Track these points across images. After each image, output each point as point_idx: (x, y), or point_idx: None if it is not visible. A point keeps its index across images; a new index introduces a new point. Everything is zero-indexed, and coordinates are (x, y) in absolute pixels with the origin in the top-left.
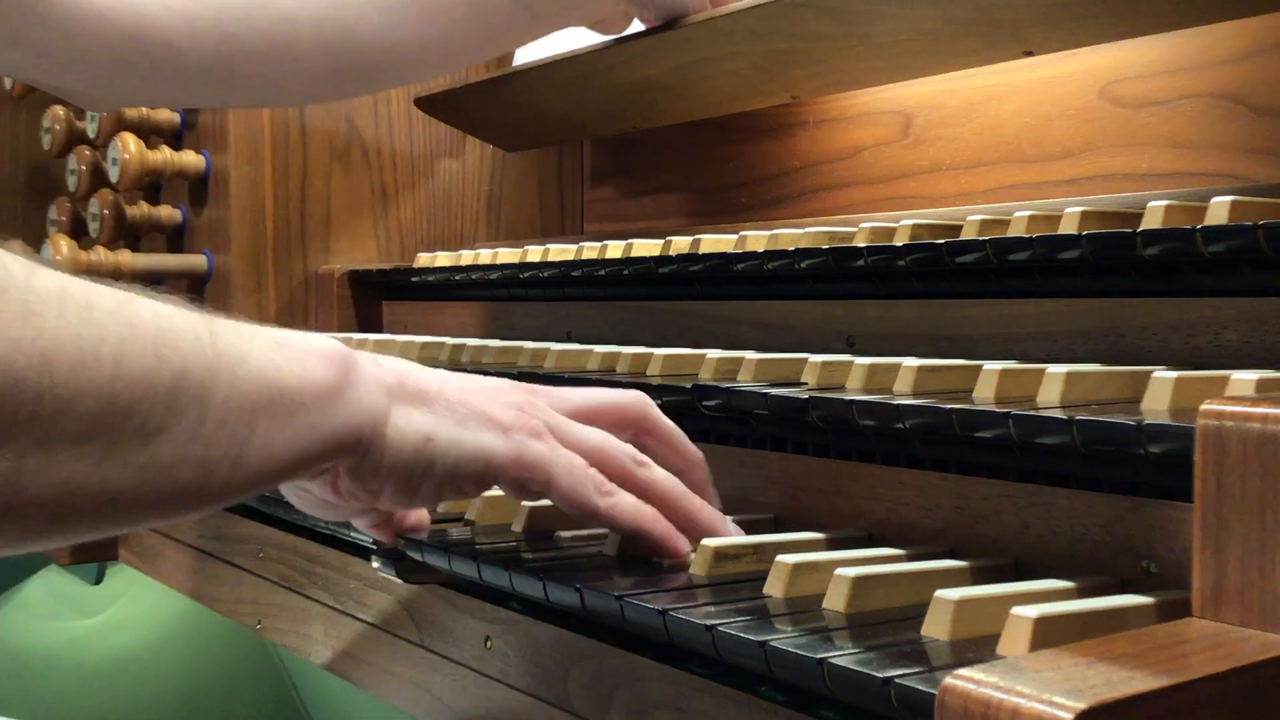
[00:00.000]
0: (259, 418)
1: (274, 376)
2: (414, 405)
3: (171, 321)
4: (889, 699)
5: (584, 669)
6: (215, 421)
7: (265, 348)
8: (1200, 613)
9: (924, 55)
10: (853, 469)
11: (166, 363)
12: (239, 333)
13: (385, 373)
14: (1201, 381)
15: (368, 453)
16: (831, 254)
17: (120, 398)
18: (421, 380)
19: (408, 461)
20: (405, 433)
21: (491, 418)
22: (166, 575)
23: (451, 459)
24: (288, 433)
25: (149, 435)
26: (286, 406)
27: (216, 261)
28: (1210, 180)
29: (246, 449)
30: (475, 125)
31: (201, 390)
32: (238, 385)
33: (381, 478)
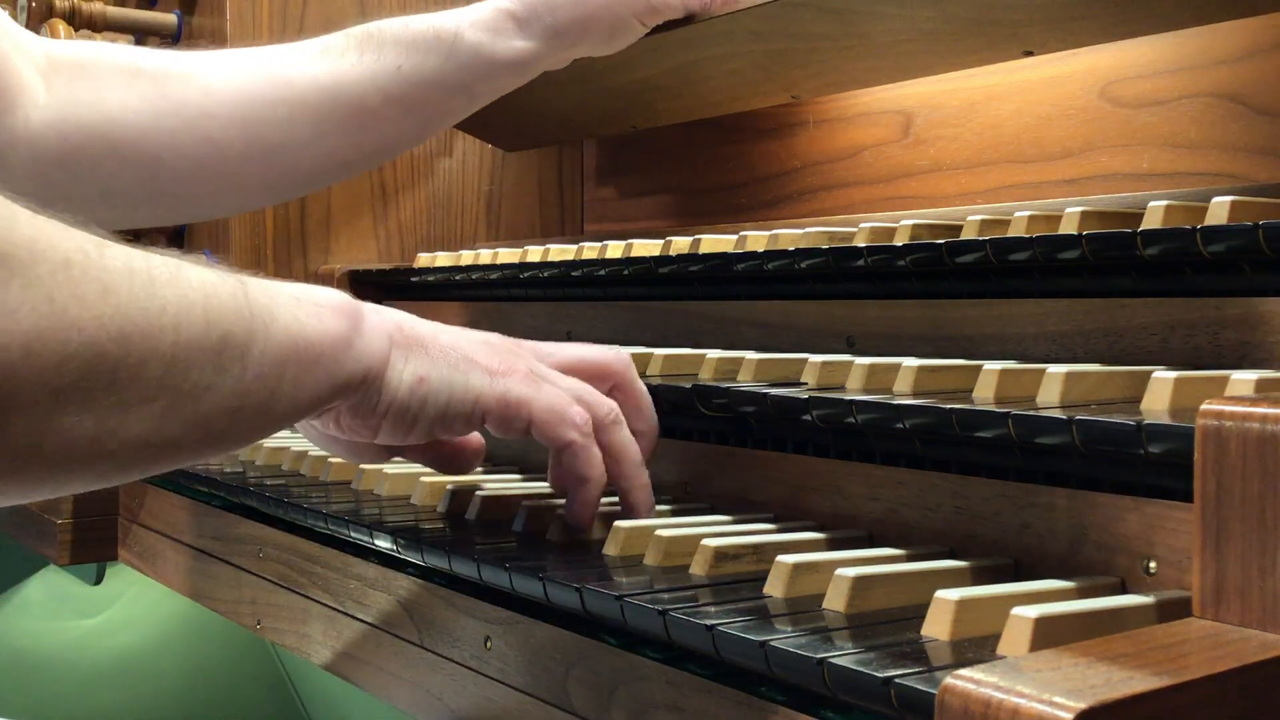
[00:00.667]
0: (287, 368)
1: (298, 331)
2: (411, 350)
3: (215, 288)
4: (889, 699)
5: (584, 669)
6: (252, 375)
7: (289, 304)
8: (1200, 613)
9: (924, 55)
10: (853, 469)
11: (214, 327)
12: (267, 291)
13: (386, 321)
14: (1201, 381)
15: (368, 392)
16: (831, 254)
17: (179, 361)
18: (417, 327)
19: (404, 400)
20: (402, 374)
21: (479, 362)
22: (166, 575)
23: (443, 399)
24: (308, 380)
25: (200, 392)
26: (309, 357)
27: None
28: (1210, 180)
29: (275, 396)
30: (475, 125)
31: (241, 349)
32: (270, 341)
33: (379, 415)
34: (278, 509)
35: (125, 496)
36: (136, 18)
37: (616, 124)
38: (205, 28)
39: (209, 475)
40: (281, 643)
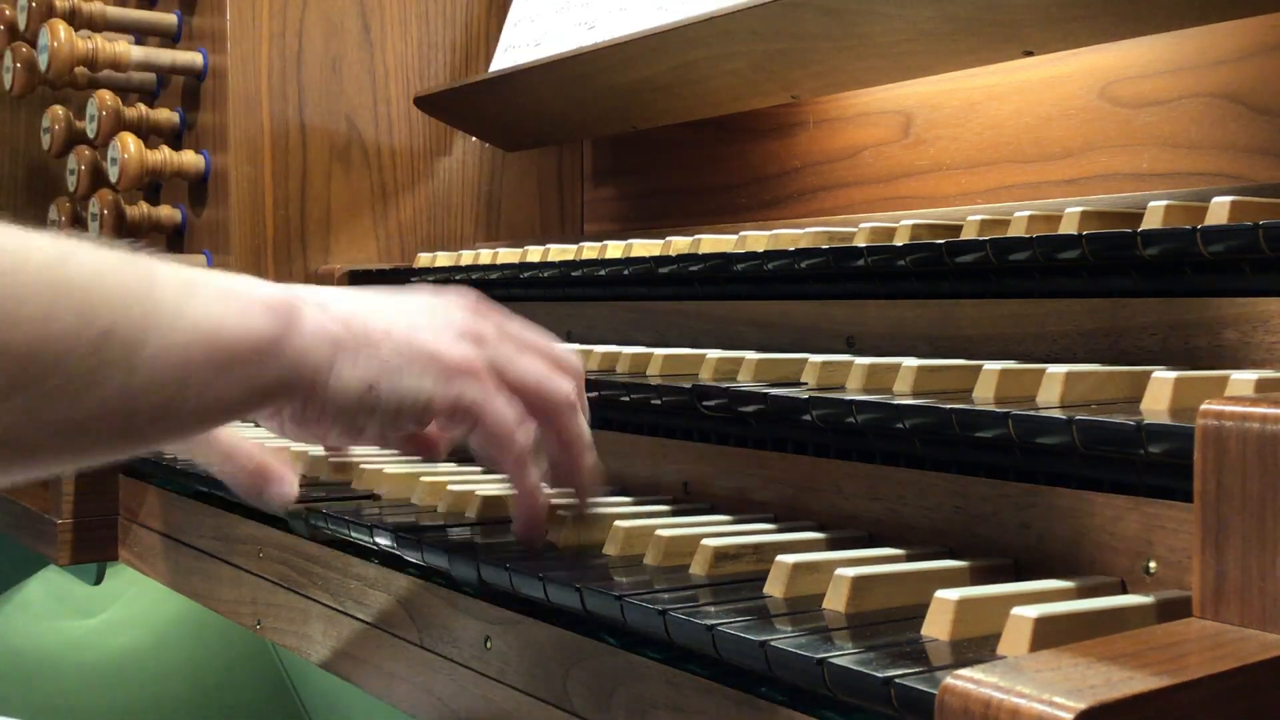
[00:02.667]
0: (192, 370)
1: (210, 329)
2: (359, 352)
3: (102, 279)
4: (889, 699)
5: (584, 669)
6: (144, 376)
7: (207, 299)
8: (1200, 613)
9: (924, 55)
10: (853, 469)
11: (92, 321)
12: (181, 282)
13: (330, 319)
14: (1201, 381)
15: (309, 398)
16: (831, 254)
17: (42, 356)
18: (368, 321)
19: (351, 407)
20: (348, 381)
21: (436, 359)
22: (166, 576)
23: (393, 404)
24: (221, 384)
25: (74, 393)
26: (222, 358)
27: (216, 261)
28: (1210, 180)
29: (175, 400)
30: (475, 125)
31: (129, 347)
32: (171, 338)
33: (326, 421)
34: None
35: (125, 496)
36: (136, 18)
37: (616, 124)
38: (205, 28)
39: (210, 475)
40: (281, 643)
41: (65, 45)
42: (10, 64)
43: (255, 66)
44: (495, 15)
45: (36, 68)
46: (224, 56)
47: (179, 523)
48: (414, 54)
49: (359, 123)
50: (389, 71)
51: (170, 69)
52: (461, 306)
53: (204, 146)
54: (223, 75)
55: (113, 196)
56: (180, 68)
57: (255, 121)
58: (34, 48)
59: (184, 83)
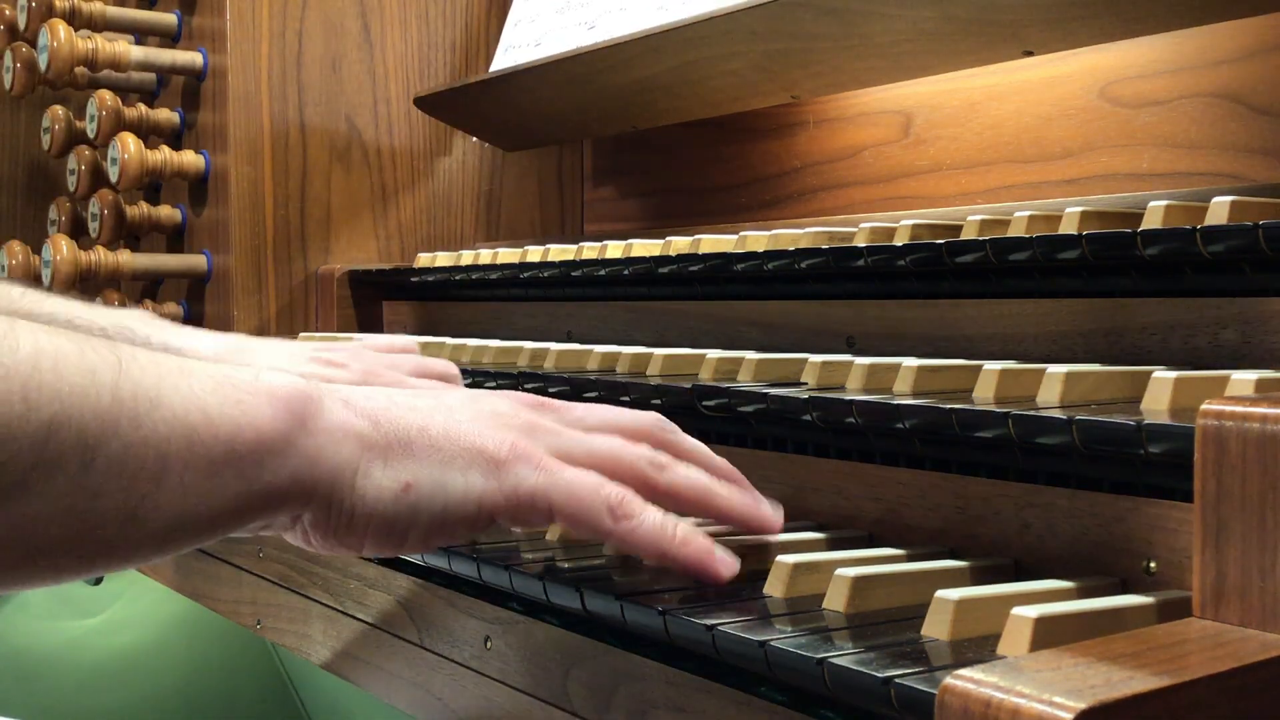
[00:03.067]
0: (170, 468)
1: (195, 422)
2: (390, 451)
3: (57, 362)
4: (889, 699)
5: (584, 669)
6: (102, 473)
7: (199, 388)
8: (1200, 613)
9: (924, 55)
10: (852, 469)
11: (38, 410)
12: (163, 371)
13: (356, 415)
14: (1201, 381)
15: (331, 506)
16: (831, 254)
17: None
18: (401, 419)
19: (387, 513)
20: (380, 482)
21: (482, 451)
22: (166, 576)
23: (438, 505)
24: (205, 485)
25: (8, 488)
26: (210, 456)
27: (216, 261)
28: (1210, 180)
29: (147, 503)
30: (475, 125)
31: (83, 439)
32: (141, 433)
33: (358, 532)
34: None
35: None
36: (136, 18)
37: (616, 124)
38: (205, 28)
39: None
40: (281, 643)
41: (65, 45)
42: (10, 64)
43: (255, 66)
44: (495, 15)
45: (36, 68)
46: (224, 56)
47: None
48: (414, 54)
49: (359, 123)
50: (389, 71)
51: (170, 69)
52: (507, 397)
53: (204, 146)
54: (223, 75)
55: (113, 196)
56: (180, 68)
57: (255, 121)
58: (34, 48)
59: (184, 83)
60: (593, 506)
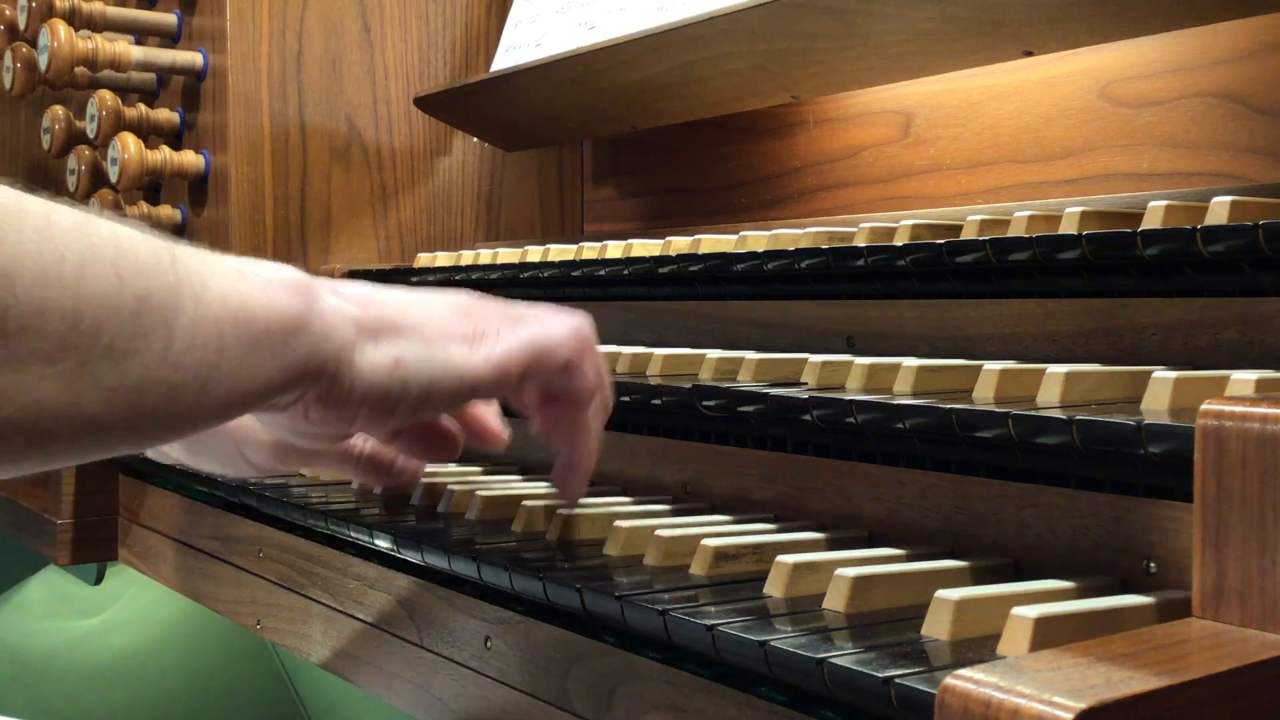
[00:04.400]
0: (226, 343)
1: (238, 303)
2: (380, 332)
3: (132, 243)
4: (889, 699)
5: (584, 669)
6: (182, 345)
7: (229, 275)
8: (1200, 613)
9: (924, 55)
10: (853, 469)
11: (129, 284)
12: (202, 259)
13: (347, 302)
14: (1201, 381)
15: (336, 380)
16: (831, 254)
17: (85, 317)
18: (384, 305)
19: (381, 385)
20: (375, 359)
21: (456, 332)
22: (166, 576)
23: (425, 378)
24: (254, 360)
25: (118, 357)
26: (252, 334)
27: None
28: (1210, 180)
29: (214, 375)
30: (475, 125)
31: (166, 313)
32: (202, 310)
33: (354, 403)
34: (278, 509)
35: (125, 496)
36: (136, 18)
37: (616, 124)
38: (205, 28)
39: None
40: (281, 643)
41: (65, 45)
42: (10, 64)
43: (255, 66)
44: (495, 15)
45: (36, 68)
46: (224, 56)
47: (179, 522)
48: (414, 54)
49: (359, 123)
50: (389, 71)
51: (170, 69)
52: (465, 295)
53: (204, 146)
54: (223, 75)
55: (113, 196)
56: (180, 68)
57: (255, 121)
58: (34, 48)
59: (184, 83)
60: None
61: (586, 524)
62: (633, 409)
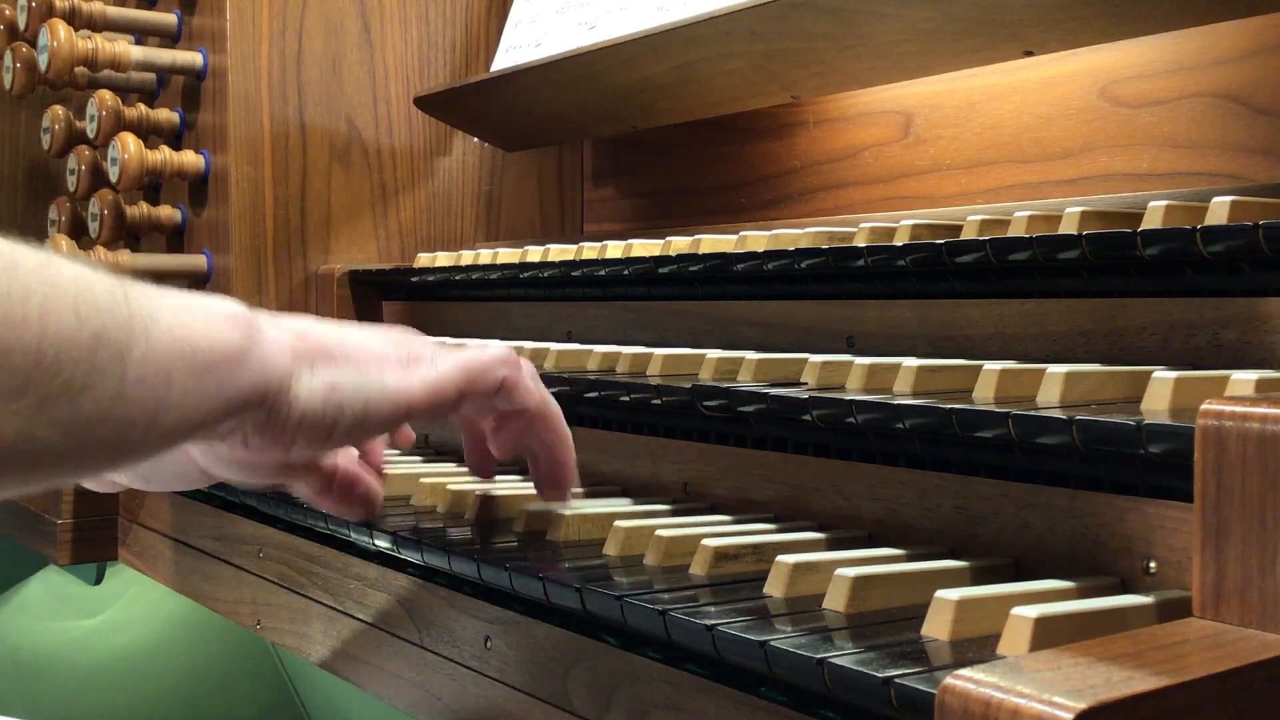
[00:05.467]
0: (174, 376)
1: (184, 337)
2: (315, 360)
3: (89, 281)
4: (889, 699)
5: (584, 669)
6: (134, 379)
7: (174, 309)
8: (1200, 613)
9: (924, 55)
10: (853, 469)
11: (87, 321)
12: (150, 294)
13: (284, 332)
14: (1201, 381)
15: (275, 407)
16: (831, 254)
17: (47, 355)
18: (319, 335)
19: (317, 410)
20: (311, 385)
21: (388, 359)
22: (166, 576)
23: (359, 403)
24: (199, 390)
25: (75, 393)
26: (198, 367)
27: (216, 261)
28: (1210, 180)
29: (161, 406)
30: (475, 125)
31: (120, 349)
32: (153, 345)
33: (292, 429)
34: (278, 509)
35: (125, 496)
36: (136, 18)
37: (616, 124)
38: (205, 28)
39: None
40: (281, 643)
41: (65, 45)
42: (10, 64)
43: (255, 66)
44: (495, 15)
45: (36, 68)
46: (224, 56)
47: (179, 522)
48: (414, 54)
49: (359, 123)
50: (389, 71)
51: (170, 69)
52: (397, 330)
53: (204, 146)
54: (223, 75)
55: (113, 196)
56: (180, 68)
57: (255, 121)
58: (34, 48)
59: (184, 83)
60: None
61: (586, 524)
62: (633, 409)
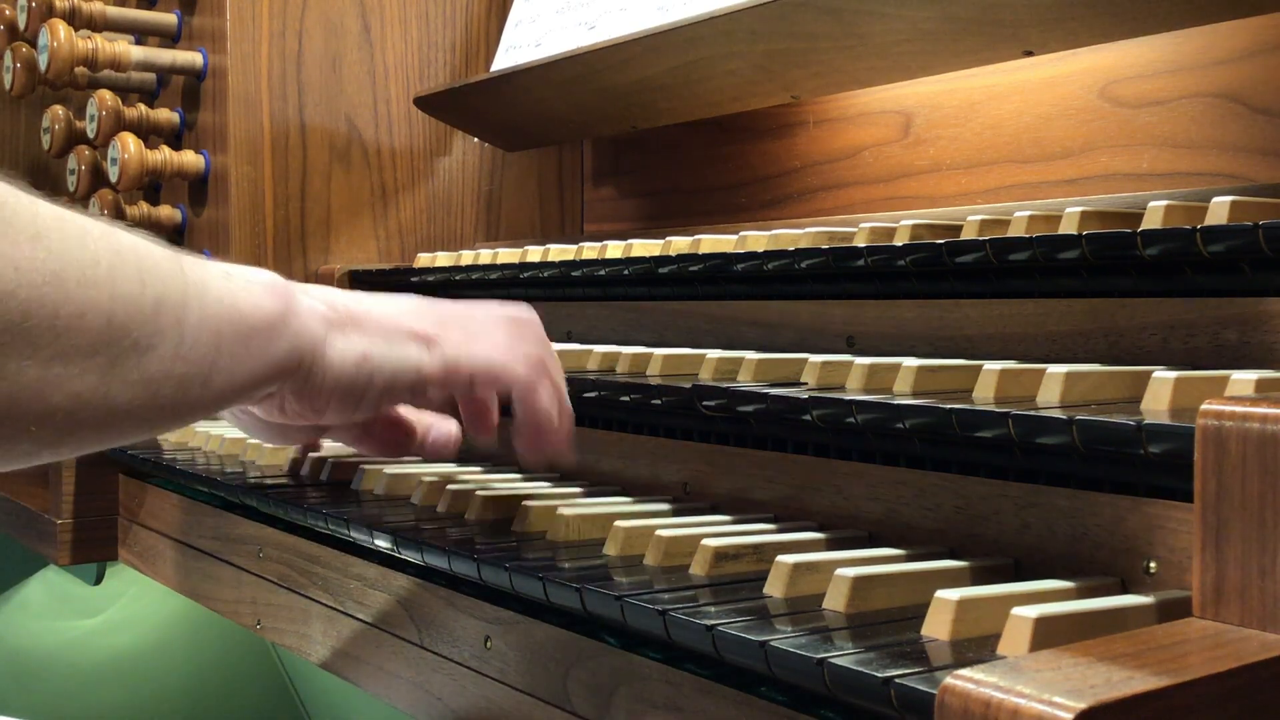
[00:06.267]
0: (223, 341)
1: (231, 304)
2: (347, 329)
3: (149, 250)
4: (889, 699)
5: (584, 669)
6: (191, 342)
7: (219, 278)
8: (1200, 613)
9: (924, 55)
10: (853, 469)
11: (149, 287)
12: (199, 264)
13: (317, 302)
14: (1201, 381)
15: (310, 374)
16: (831, 254)
17: (117, 315)
18: (350, 305)
19: (349, 378)
20: (345, 353)
21: (414, 331)
22: (166, 576)
23: (388, 372)
24: (244, 355)
25: (142, 352)
26: (243, 331)
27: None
28: (1210, 180)
29: (214, 368)
30: (475, 125)
31: (178, 313)
32: (205, 310)
33: (325, 395)
34: (278, 509)
35: (125, 496)
36: (136, 18)
37: (616, 124)
38: (205, 28)
39: (209, 475)
40: (281, 643)
41: (65, 45)
42: (10, 64)
43: (255, 66)
44: (495, 15)
45: (36, 68)
46: (224, 56)
47: (179, 523)
48: (414, 54)
49: (359, 123)
50: (389, 71)
51: (170, 69)
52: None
53: (204, 146)
54: (223, 75)
55: (113, 196)
56: (180, 68)
57: (255, 121)
58: (34, 48)
59: (184, 83)
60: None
61: (586, 524)
62: (633, 409)
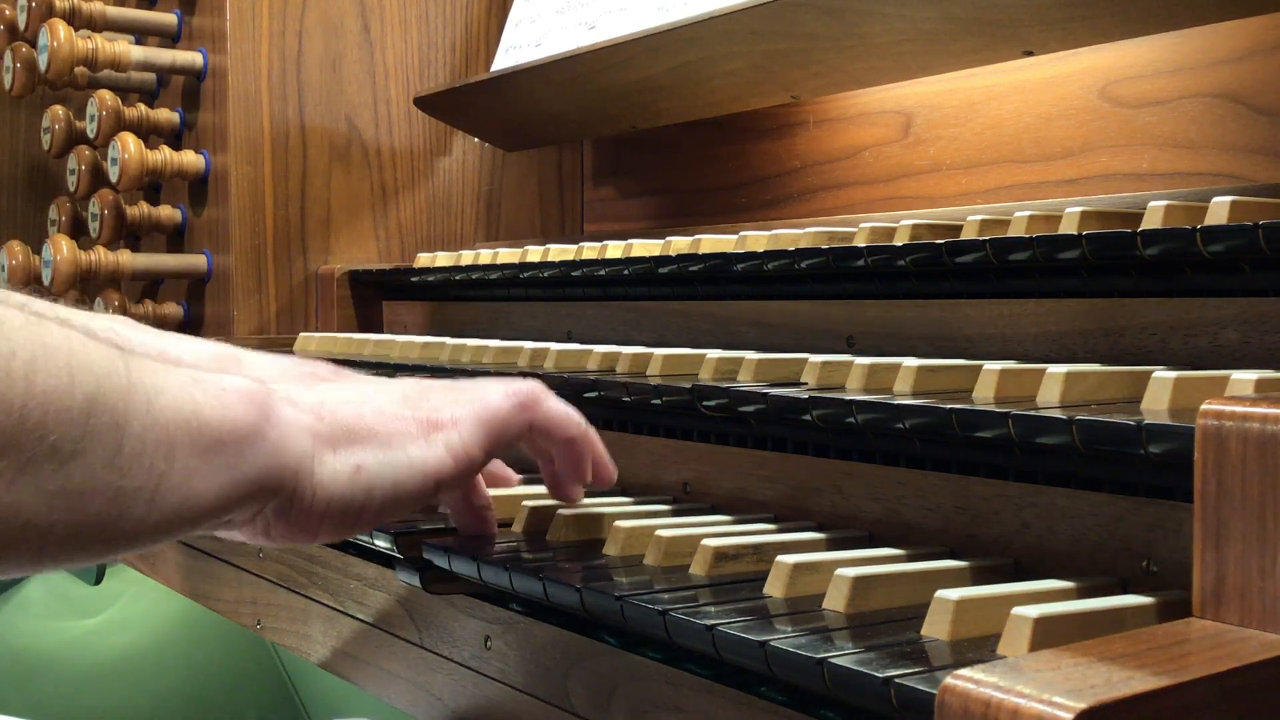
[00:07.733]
0: (176, 452)
1: (192, 411)
2: (337, 440)
3: (85, 346)
4: (889, 699)
5: (584, 669)
6: (131, 451)
7: (183, 382)
8: (1200, 613)
9: (924, 55)
10: (853, 469)
11: (79, 384)
12: (155, 366)
13: (302, 411)
14: (1201, 381)
15: (296, 494)
16: (831, 254)
17: (32, 415)
18: (338, 412)
19: (344, 495)
20: (335, 468)
21: (409, 430)
22: (166, 576)
23: (388, 482)
24: (206, 470)
25: (63, 459)
26: (205, 443)
27: (216, 261)
28: (1210, 180)
29: (163, 484)
30: (475, 125)
31: (117, 417)
32: (154, 416)
33: (317, 515)
34: None
35: None
36: (136, 18)
37: (616, 124)
38: (205, 28)
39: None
40: (281, 643)
41: (65, 45)
42: (10, 64)
43: (255, 66)
44: (495, 15)
45: (36, 68)
46: (224, 56)
47: None
48: (414, 54)
49: (359, 123)
50: (389, 71)
51: (170, 69)
52: (404, 381)
53: (204, 146)
54: (223, 75)
55: (113, 196)
56: (180, 68)
57: (255, 121)
58: (34, 48)
59: (184, 83)
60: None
61: (586, 524)
62: (633, 409)
